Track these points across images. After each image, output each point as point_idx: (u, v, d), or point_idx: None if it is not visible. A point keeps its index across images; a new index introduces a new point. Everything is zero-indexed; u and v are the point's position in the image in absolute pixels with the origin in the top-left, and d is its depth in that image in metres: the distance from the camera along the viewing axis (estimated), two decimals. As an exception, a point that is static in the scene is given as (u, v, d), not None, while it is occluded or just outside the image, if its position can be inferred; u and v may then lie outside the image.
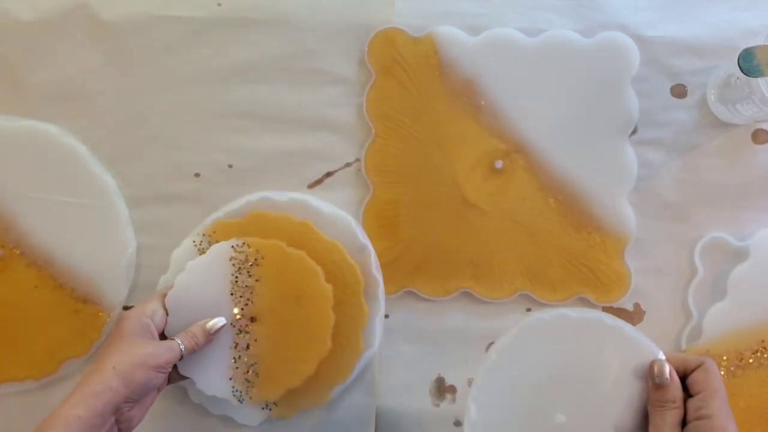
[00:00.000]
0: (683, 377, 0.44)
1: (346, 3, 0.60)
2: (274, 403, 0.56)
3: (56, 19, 0.59)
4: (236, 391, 0.54)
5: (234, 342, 0.54)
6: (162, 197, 0.60)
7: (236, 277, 0.54)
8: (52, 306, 0.58)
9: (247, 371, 0.54)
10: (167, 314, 0.53)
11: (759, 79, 0.50)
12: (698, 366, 0.44)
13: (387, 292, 0.58)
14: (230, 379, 0.54)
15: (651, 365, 0.45)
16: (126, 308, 0.59)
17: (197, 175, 0.60)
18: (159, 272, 0.58)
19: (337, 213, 0.58)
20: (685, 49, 0.60)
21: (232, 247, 0.54)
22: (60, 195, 0.58)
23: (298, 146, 0.60)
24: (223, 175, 0.60)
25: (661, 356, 0.45)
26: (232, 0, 0.60)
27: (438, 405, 0.59)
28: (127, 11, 0.60)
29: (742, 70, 0.49)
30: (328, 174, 0.61)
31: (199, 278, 0.54)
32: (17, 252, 0.58)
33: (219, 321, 0.53)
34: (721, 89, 0.58)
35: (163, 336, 0.53)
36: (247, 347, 0.54)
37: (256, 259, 0.54)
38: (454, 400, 0.59)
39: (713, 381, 0.43)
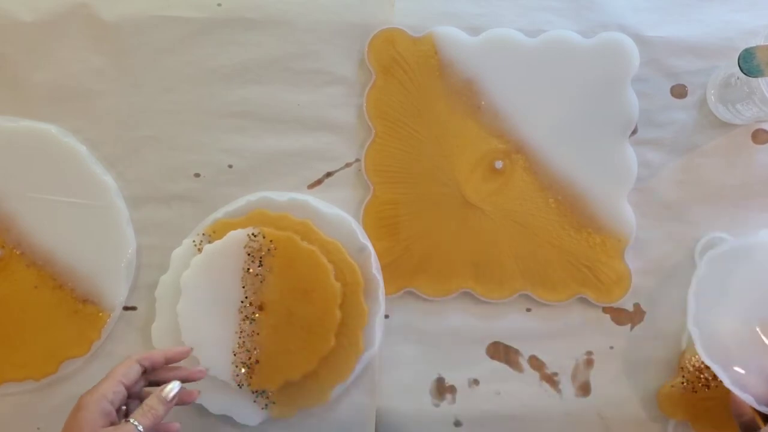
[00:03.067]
0: None
1: (346, 3, 0.60)
2: (273, 402, 0.57)
3: (56, 20, 0.59)
4: (236, 375, 0.55)
5: (240, 328, 0.55)
6: (162, 197, 0.60)
7: (248, 264, 0.55)
8: (52, 306, 0.58)
9: (249, 357, 0.55)
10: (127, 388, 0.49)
11: (759, 79, 0.50)
12: None
13: (387, 292, 0.58)
14: (232, 363, 0.55)
15: None
16: (126, 308, 0.59)
17: (197, 175, 0.60)
18: (159, 272, 0.58)
19: (337, 213, 0.58)
20: (685, 49, 0.60)
21: (248, 235, 0.55)
22: (60, 195, 0.58)
23: (298, 146, 0.60)
24: (223, 175, 0.60)
25: None
26: (232, 0, 0.60)
27: (438, 405, 0.59)
28: (127, 11, 0.60)
29: (742, 70, 0.49)
30: (328, 174, 0.61)
31: (214, 261, 0.56)
32: (17, 252, 0.58)
33: (174, 387, 0.48)
34: (721, 89, 0.58)
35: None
36: (252, 334, 0.55)
37: (269, 249, 0.55)
38: (454, 400, 0.59)
39: None
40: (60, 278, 0.58)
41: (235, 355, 0.55)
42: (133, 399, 0.50)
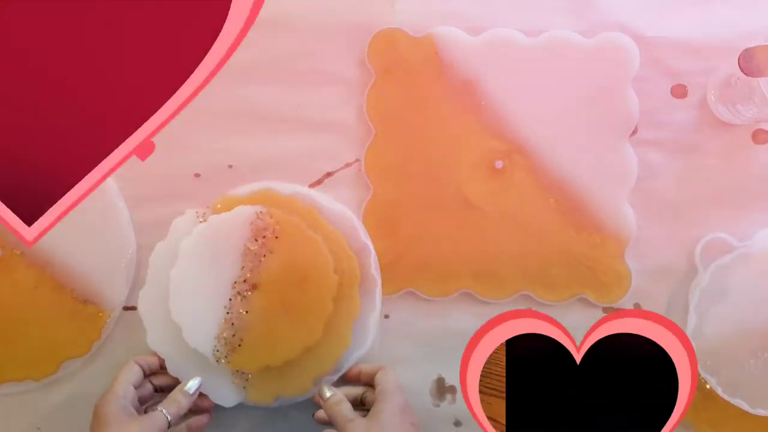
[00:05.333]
0: None
1: (346, 3, 0.60)
2: (251, 384, 0.56)
3: (56, 20, 0.59)
4: (217, 350, 0.55)
5: (230, 303, 0.55)
6: (162, 197, 0.60)
7: (251, 242, 0.55)
8: (52, 306, 0.58)
9: (233, 334, 0.55)
10: (135, 386, 0.53)
11: (759, 79, 0.50)
12: None
13: (387, 292, 0.59)
14: (215, 337, 0.55)
15: None
16: (126, 308, 0.59)
17: (197, 175, 0.60)
18: (159, 272, 0.58)
19: (340, 210, 0.58)
20: (685, 49, 0.60)
21: (256, 213, 0.55)
22: (60, 195, 0.58)
23: (298, 146, 0.60)
24: (223, 175, 0.60)
25: None
26: (232, 0, 0.60)
27: (438, 405, 0.59)
28: (127, 11, 0.60)
29: (742, 70, 0.49)
30: (328, 174, 0.61)
31: (218, 232, 0.55)
32: (17, 252, 0.58)
33: (195, 383, 0.54)
34: (721, 89, 0.58)
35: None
36: (240, 312, 0.55)
37: (274, 231, 0.55)
38: (454, 400, 0.59)
39: None
40: (60, 278, 0.58)
41: (219, 329, 0.55)
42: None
